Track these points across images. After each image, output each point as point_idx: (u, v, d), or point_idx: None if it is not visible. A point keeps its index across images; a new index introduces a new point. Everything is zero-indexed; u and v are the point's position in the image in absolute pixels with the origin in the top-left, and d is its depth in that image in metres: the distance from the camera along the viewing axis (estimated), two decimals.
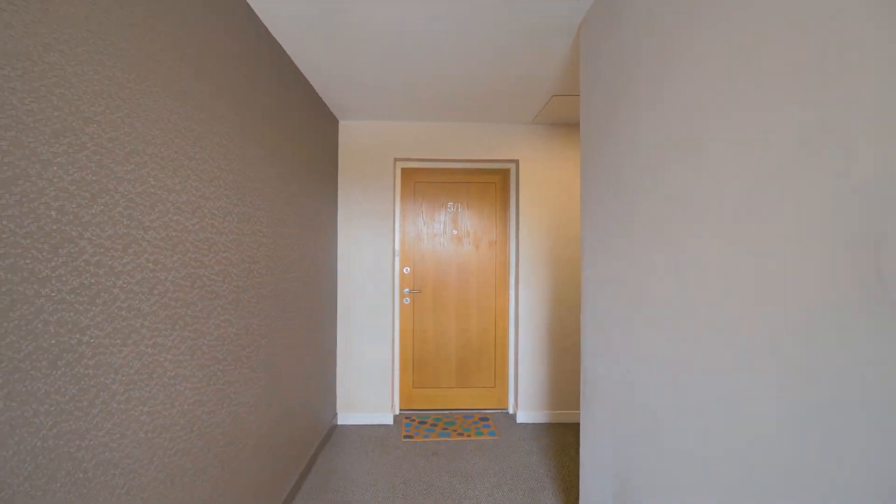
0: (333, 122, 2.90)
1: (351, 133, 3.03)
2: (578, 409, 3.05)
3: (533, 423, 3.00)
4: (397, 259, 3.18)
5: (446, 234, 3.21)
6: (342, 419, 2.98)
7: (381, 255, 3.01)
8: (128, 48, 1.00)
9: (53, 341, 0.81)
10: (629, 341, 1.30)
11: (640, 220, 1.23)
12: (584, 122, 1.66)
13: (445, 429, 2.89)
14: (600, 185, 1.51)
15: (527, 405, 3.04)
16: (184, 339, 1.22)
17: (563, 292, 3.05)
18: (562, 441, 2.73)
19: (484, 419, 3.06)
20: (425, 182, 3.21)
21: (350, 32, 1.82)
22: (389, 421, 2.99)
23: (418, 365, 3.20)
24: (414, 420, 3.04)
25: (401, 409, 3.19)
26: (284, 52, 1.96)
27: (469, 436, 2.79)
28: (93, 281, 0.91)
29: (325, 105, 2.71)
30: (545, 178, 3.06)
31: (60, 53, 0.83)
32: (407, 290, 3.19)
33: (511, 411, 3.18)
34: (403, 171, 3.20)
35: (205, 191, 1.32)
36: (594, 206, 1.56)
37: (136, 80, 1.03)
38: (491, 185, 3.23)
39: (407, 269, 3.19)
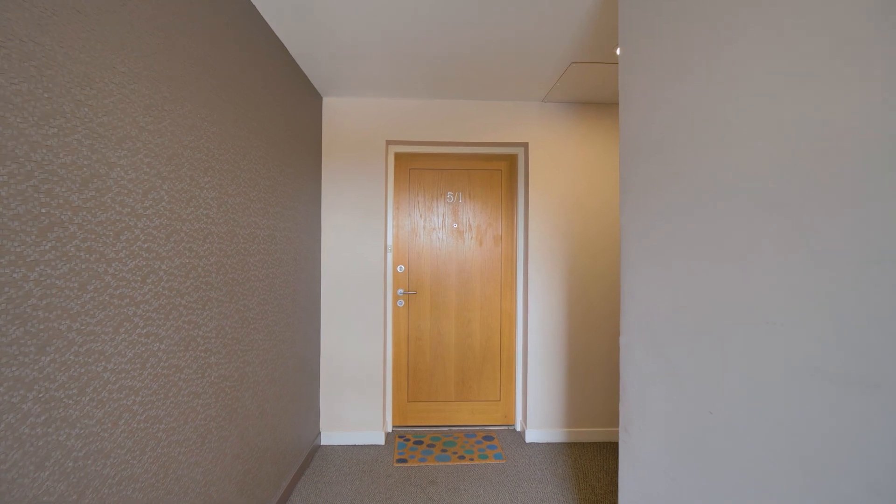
0: (316, 98, 2.52)
1: (337, 111, 2.64)
2: (599, 426, 2.67)
3: (545, 444, 2.62)
4: (390, 256, 2.80)
5: (445, 227, 2.83)
6: (326, 439, 2.60)
7: (372, 252, 2.63)
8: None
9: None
10: (709, 366, 0.92)
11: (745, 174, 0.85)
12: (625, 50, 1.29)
13: (444, 450, 2.52)
14: (652, 127, 1.13)
15: (537, 422, 2.66)
16: (65, 365, 0.84)
17: (581, 292, 2.68)
18: (581, 466, 2.36)
19: (488, 438, 2.69)
20: (422, 169, 2.83)
21: None
22: (380, 440, 2.61)
23: (413, 376, 2.82)
24: (409, 439, 2.66)
25: (394, 427, 2.81)
26: (255, 8, 1.58)
27: (472, 459, 2.42)
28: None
29: (306, 77, 2.32)
30: (559, 163, 2.68)
31: None
32: (401, 290, 2.81)
33: (519, 429, 2.80)
34: (397, 156, 2.82)
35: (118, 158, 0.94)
36: (638, 162, 1.19)
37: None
38: (496, 172, 2.85)
39: (401, 268, 2.81)
